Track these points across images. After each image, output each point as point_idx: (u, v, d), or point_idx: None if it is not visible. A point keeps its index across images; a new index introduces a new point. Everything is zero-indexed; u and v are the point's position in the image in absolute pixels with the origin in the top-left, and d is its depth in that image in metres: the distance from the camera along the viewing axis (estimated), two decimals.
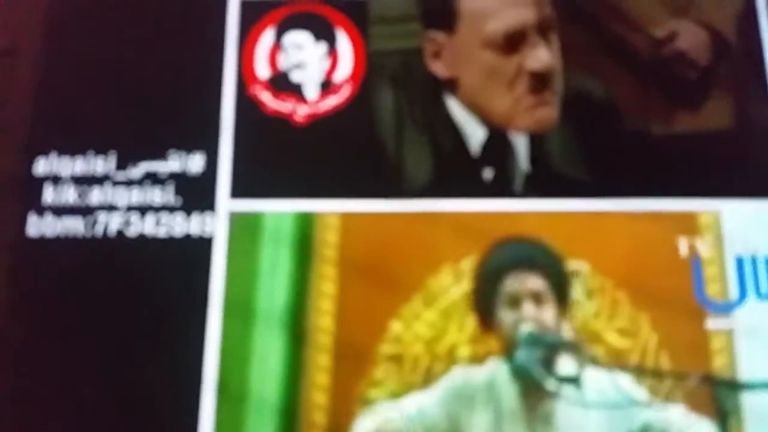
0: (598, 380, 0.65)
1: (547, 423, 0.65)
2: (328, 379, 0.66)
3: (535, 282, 0.67)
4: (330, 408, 0.65)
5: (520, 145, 0.73)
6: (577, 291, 0.68)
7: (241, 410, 0.65)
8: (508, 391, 0.65)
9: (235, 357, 0.66)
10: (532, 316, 0.66)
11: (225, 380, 0.66)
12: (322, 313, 0.67)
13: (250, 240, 0.69)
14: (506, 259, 0.68)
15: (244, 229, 0.70)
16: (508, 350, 0.66)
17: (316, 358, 0.66)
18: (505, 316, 0.66)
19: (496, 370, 0.66)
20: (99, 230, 0.70)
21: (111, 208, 0.71)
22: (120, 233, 0.70)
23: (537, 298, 0.66)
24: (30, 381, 0.67)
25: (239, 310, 0.67)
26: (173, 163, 0.72)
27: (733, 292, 0.68)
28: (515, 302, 0.66)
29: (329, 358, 0.66)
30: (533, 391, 0.65)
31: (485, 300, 0.67)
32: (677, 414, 0.65)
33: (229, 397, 0.65)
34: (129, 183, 0.71)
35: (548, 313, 0.66)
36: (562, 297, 0.67)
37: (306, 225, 0.70)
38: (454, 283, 0.68)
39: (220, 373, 0.66)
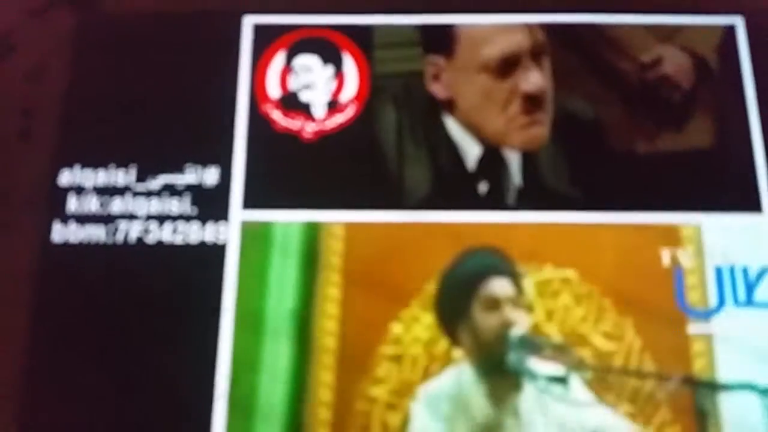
0: (583, 380, 0.68)
1: (515, 415, 0.67)
2: (333, 377, 0.68)
3: (511, 288, 0.70)
4: (334, 404, 0.68)
5: (513, 161, 0.75)
6: (564, 297, 0.70)
7: (250, 413, 0.68)
8: (475, 391, 0.68)
9: (245, 357, 0.69)
10: (515, 319, 0.68)
11: (235, 384, 0.68)
12: (328, 316, 0.70)
13: (260, 248, 0.72)
14: (483, 265, 0.70)
15: (255, 237, 0.72)
16: (484, 350, 0.68)
17: (322, 359, 0.69)
18: (483, 319, 0.69)
19: (460, 374, 0.68)
20: (120, 237, 0.73)
21: (131, 217, 0.73)
22: (139, 240, 0.72)
23: (514, 302, 0.69)
24: (52, 381, 0.69)
25: (249, 314, 0.70)
26: (190, 176, 0.74)
27: (713, 299, 0.70)
28: (494, 306, 0.69)
29: (334, 358, 0.69)
30: (500, 388, 0.68)
31: (457, 303, 0.69)
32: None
33: (239, 401, 0.68)
34: (148, 194, 0.74)
35: (524, 318, 0.69)
36: (525, 302, 0.70)
37: (313, 234, 0.72)
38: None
39: (232, 376, 0.69)
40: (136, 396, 0.68)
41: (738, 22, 0.79)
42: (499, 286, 0.69)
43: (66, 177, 0.75)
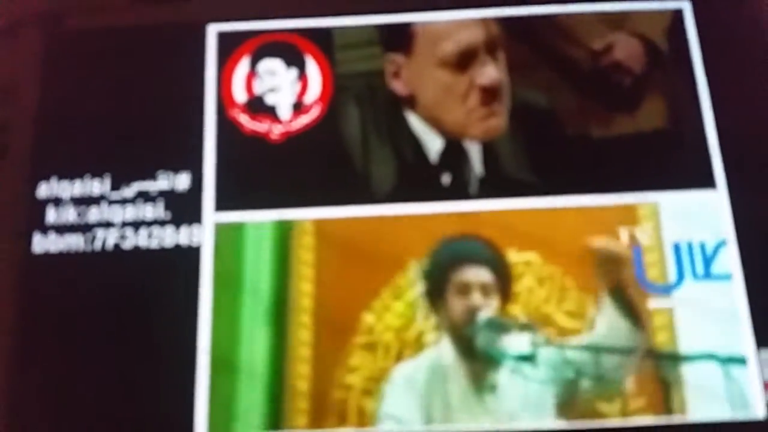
0: (549, 357, 0.70)
1: (493, 392, 0.69)
2: (309, 369, 0.70)
3: (483, 275, 0.72)
4: (311, 394, 0.69)
5: (474, 152, 0.77)
6: (528, 279, 0.72)
7: (230, 418, 0.69)
8: (456, 368, 0.70)
9: (222, 358, 0.71)
10: (481, 304, 0.71)
11: (214, 387, 0.70)
12: (302, 310, 0.72)
13: (233, 248, 0.74)
14: (458, 252, 0.72)
15: (229, 238, 0.74)
16: (456, 332, 0.71)
17: (298, 351, 0.70)
18: (455, 303, 0.71)
19: (441, 351, 0.70)
20: (98, 245, 0.74)
21: (108, 224, 0.75)
22: (117, 246, 0.74)
23: (484, 289, 0.71)
24: (37, 387, 0.71)
25: (225, 313, 0.72)
26: (162, 182, 0.76)
27: (672, 275, 0.73)
28: (464, 291, 0.71)
29: (309, 350, 0.71)
30: (480, 366, 0.70)
31: (435, 287, 0.72)
32: None
33: (218, 404, 0.69)
34: (123, 201, 0.75)
35: (493, 303, 0.71)
36: (505, 290, 0.72)
37: (284, 232, 0.74)
38: (419, 278, 0.73)
39: (211, 378, 0.70)
40: (120, 401, 0.70)
41: (685, 6, 0.81)
42: (472, 273, 0.71)
43: (44, 189, 0.76)
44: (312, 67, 0.80)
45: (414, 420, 0.69)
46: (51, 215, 0.76)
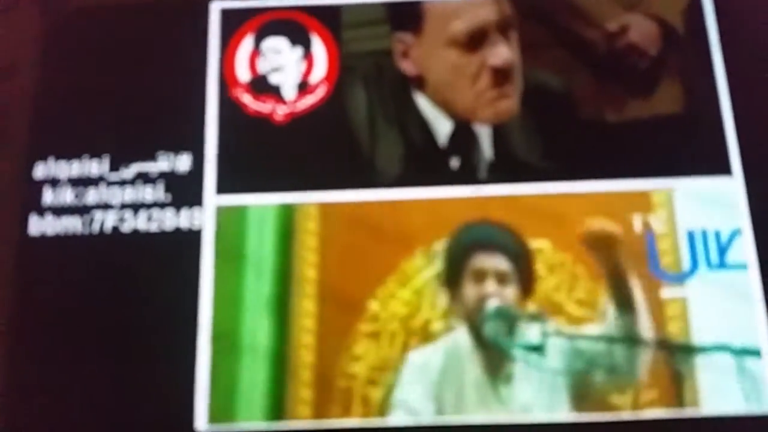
0: (559, 347, 0.69)
1: (509, 385, 0.68)
2: (313, 357, 0.69)
3: (500, 262, 0.70)
4: (315, 383, 0.68)
5: (484, 135, 0.75)
6: (539, 267, 0.71)
7: (232, 400, 0.68)
8: (471, 357, 0.69)
9: (225, 340, 0.69)
10: (494, 292, 0.69)
11: (216, 370, 0.69)
12: (305, 296, 0.70)
13: (236, 232, 0.72)
14: (475, 238, 0.71)
15: (230, 221, 0.72)
16: (470, 320, 0.69)
17: (301, 339, 0.69)
18: (469, 290, 0.70)
19: (458, 338, 0.69)
20: (96, 227, 0.73)
21: (106, 206, 0.73)
22: (115, 229, 0.72)
23: (501, 277, 0.70)
24: (33, 374, 0.69)
25: (227, 299, 0.70)
26: (162, 163, 0.74)
27: (686, 263, 0.71)
28: (480, 278, 0.70)
29: (313, 337, 0.69)
30: (495, 356, 0.69)
31: (453, 274, 0.70)
32: None
33: (220, 386, 0.68)
34: (122, 183, 0.74)
35: (509, 292, 0.70)
36: (525, 279, 0.71)
37: (287, 216, 0.72)
38: (426, 265, 0.71)
39: (213, 360, 0.69)
40: (120, 387, 0.69)
41: None
42: (488, 260, 0.70)
43: (40, 170, 0.74)
44: (318, 46, 0.78)
45: (425, 409, 0.68)
46: (48, 196, 0.74)
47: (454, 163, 0.74)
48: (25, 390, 0.69)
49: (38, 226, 0.73)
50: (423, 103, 0.76)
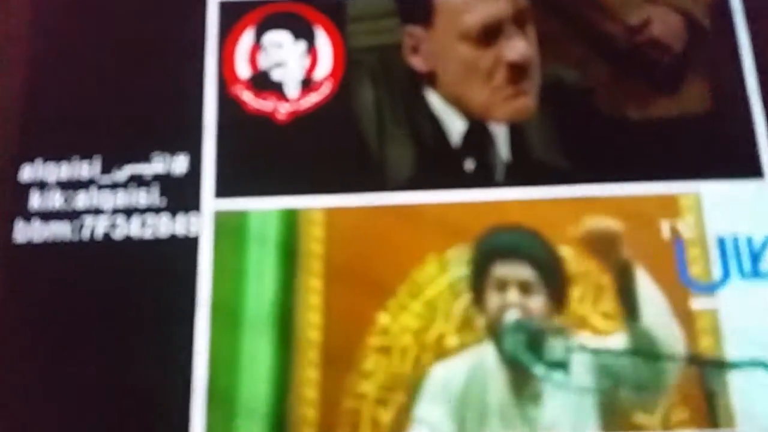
0: (584, 364, 0.66)
1: (536, 404, 0.65)
2: (318, 373, 0.66)
3: (524, 271, 0.67)
4: (320, 401, 0.65)
5: (500, 135, 0.73)
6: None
7: (230, 411, 0.65)
8: (496, 375, 0.66)
9: (224, 355, 0.66)
10: (516, 303, 0.67)
11: (214, 381, 0.66)
12: (310, 308, 0.67)
13: (235, 239, 0.70)
14: (498, 244, 0.69)
15: (230, 227, 0.70)
16: (493, 332, 0.67)
17: (306, 354, 0.66)
18: (491, 299, 0.67)
19: (483, 353, 0.66)
20: (86, 234, 0.70)
21: (97, 211, 0.71)
22: (106, 236, 0.70)
23: (524, 287, 0.67)
24: (20, 385, 0.67)
25: (226, 310, 0.68)
26: (157, 165, 0.72)
27: (717, 272, 0.68)
28: (502, 287, 0.67)
29: (318, 353, 0.66)
30: (521, 373, 0.66)
31: (476, 283, 0.68)
32: None
33: (218, 399, 0.65)
34: (114, 186, 0.72)
35: (535, 303, 0.67)
36: (555, 289, 0.68)
37: (291, 221, 0.70)
38: (439, 274, 0.68)
39: (210, 372, 0.66)
40: (108, 399, 0.66)
41: None
42: (509, 269, 0.67)
43: (27, 172, 0.72)
44: (322, 40, 0.76)
45: (446, 429, 0.65)
46: (35, 200, 0.71)
47: (469, 164, 0.72)
48: (8, 403, 0.66)
49: (24, 232, 0.70)
50: (435, 100, 0.74)
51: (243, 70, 0.75)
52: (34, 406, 0.66)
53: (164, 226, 0.70)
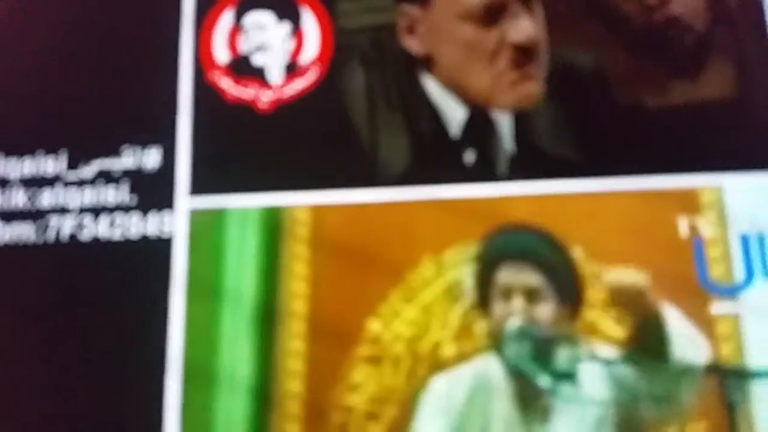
0: (595, 374, 0.64)
1: (544, 419, 0.64)
2: (302, 386, 0.65)
3: (530, 277, 0.66)
4: (305, 418, 0.64)
5: (504, 124, 0.72)
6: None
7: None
8: (500, 387, 0.65)
9: (200, 371, 0.66)
10: (521, 311, 0.65)
11: (189, 397, 0.65)
12: (293, 315, 0.67)
13: (212, 240, 0.69)
14: (502, 247, 0.68)
15: (207, 228, 0.69)
16: (496, 341, 0.66)
17: (288, 366, 0.66)
18: (497, 307, 0.66)
19: (487, 364, 0.65)
20: (51, 235, 0.70)
21: (63, 210, 0.71)
22: (73, 237, 0.70)
23: (531, 294, 0.66)
24: None
25: (202, 319, 0.67)
26: (127, 160, 0.72)
27: (739, 273, 0.67)
28: (507, 294, 0.66)
29: (302, 363, 0.66)
30: (527, 386, 0.64)
31: (481, 288, 0.67)
32: None
33: (194, 418, 0.65)
34: (81, 183, 0.71)
35: (543, 311, 0.65)
36: (567, 295, 0.66)
37: (274, 221, 0.69)
38: (436, 277, 0.67)
39: (185, 388, 0.66)
40: (78, 417, 0.66)
41: None
42: (513, 274, 0.66)
43: None
44: (309, 21, 0.75)
45: None
46: None
47: (469, 156, 0.71)
48: None
49: None
50: (432, 86, 0.73)
51: (221, 54, 0.75)
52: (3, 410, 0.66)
53: (135, 226, 0.70)
